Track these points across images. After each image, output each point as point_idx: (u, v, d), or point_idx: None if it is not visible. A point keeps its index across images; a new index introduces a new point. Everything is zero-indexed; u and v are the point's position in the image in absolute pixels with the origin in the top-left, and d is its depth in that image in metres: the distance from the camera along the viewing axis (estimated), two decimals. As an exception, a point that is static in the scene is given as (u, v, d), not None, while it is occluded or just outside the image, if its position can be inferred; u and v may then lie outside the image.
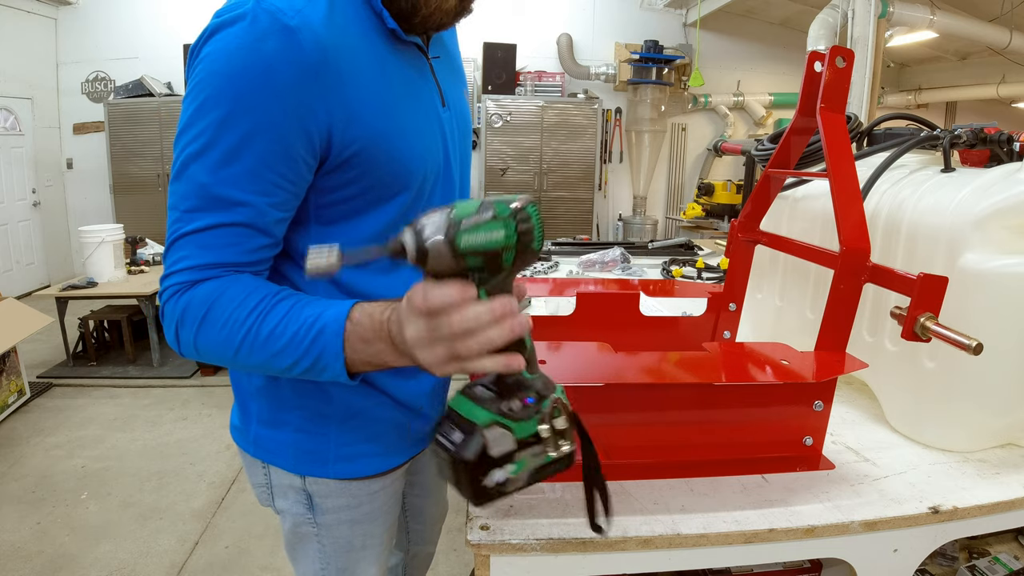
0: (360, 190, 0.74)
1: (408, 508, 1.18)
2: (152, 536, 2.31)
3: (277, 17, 0.63)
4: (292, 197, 0.71)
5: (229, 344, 0.67)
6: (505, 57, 5.89)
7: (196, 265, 0.67)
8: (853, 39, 4.20)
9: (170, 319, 0.69)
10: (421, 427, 0.93)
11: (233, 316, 0.66)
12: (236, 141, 0.65)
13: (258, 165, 0.66)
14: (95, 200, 6.19)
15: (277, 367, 0.68)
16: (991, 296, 0.86)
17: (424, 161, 0.78)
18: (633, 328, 1.18)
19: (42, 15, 5.77)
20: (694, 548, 0.75)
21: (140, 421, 3.25)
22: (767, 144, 1.30)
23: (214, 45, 0.64)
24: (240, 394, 0.90)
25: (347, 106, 0.68)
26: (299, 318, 0.66)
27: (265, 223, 0.69)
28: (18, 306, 3.41)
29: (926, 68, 7.20)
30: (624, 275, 2.16)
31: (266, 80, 0.63)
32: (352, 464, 0.88)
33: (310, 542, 0.93)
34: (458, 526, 1.72)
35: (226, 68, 0.63)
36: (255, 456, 0.90)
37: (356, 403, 0.85)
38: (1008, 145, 1.02)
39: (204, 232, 0.67)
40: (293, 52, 0.63)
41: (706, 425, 0.88)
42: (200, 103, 0.65)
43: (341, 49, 0.67)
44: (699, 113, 6.91)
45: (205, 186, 0.66)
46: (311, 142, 0.68)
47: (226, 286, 0.67)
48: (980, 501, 0.82)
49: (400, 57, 0.76)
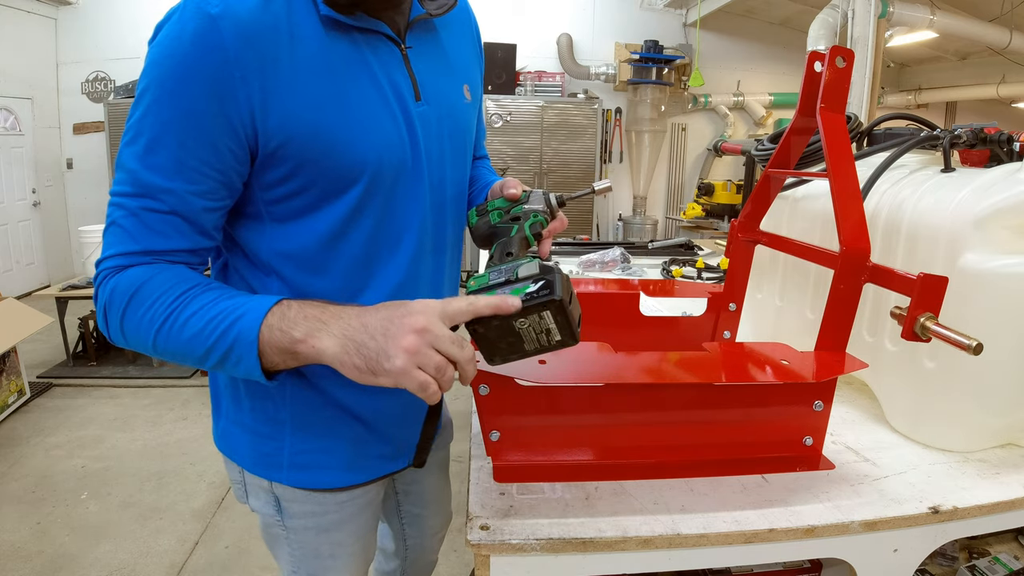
0: (303, 184, 0.73)
1: (405, 516, 1.16)
2: (152, 536, 2.31)
3: (201, 6, 0.64)
4: (219, 186, 0.70)
5: (150, 328, 0.67)
6: (505, 57, 5.88)
7: (126, 251, 0.68)
8: (853, 39, 4.20)
9: (100, 302, 0.70)
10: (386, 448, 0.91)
11: (158, 301, 0.67)
12: (160, 128, 0.66)
13: (180, 152, 0.67)
14: (95, 200, 6.19)
15: (193, 355, 0.67)
16: (991, 296, 0.86)
17: (375, 156, 0.75)
18: (633, 328, 1.17)
19: (42, 15, 5.77)
20: (694, 548, 0.75)
21: (140, 421, 3.25)
22: (767, 144, 1.30)
23: (155, 40, 0.67)
24: (215, 390, 0.91)
25: (271, 93, 0.68)
26: (219, 306, 0.66)
27: (190, 211, 0.69)
28: (18, 306, 3.41)
29: (926, 68, 7.19)
30: (624, 275, 2.16)
31: (185, 66, 0.65)
32: (307, 473, 0.86)
33: (282, 544, 0.93)
34: (458, 526, 1.72)
35: (155, 59, 0.66)
36: (222, 452, 0.90)
37: (308, 410, 0.83)
38: (1008, 145, 1.02)
39: (132, 217, 0.68)
40: (211, 39, 0.64)
41: (706, 425, 0.88)
42: (138, 94, 0.67)
43: (270, 38, 0.67)
44: (699, 113, 6.91)
45: (134, 172, 0.67)
46: (234, 130, 0.68)
47: (155, 272, 0.68)
48: (980, 501, 0.82)
49: (354, 47, 0.74)
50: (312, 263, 0.78)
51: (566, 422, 0.86)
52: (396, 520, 1.17)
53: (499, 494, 0.81)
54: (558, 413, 0.85)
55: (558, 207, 0.86)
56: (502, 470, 0.85)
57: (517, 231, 0.79)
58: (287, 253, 0.77)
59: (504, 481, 0.83)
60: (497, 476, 0.84)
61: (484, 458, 0.87)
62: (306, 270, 0.78)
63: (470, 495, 0.81)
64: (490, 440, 0.85)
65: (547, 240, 0.84)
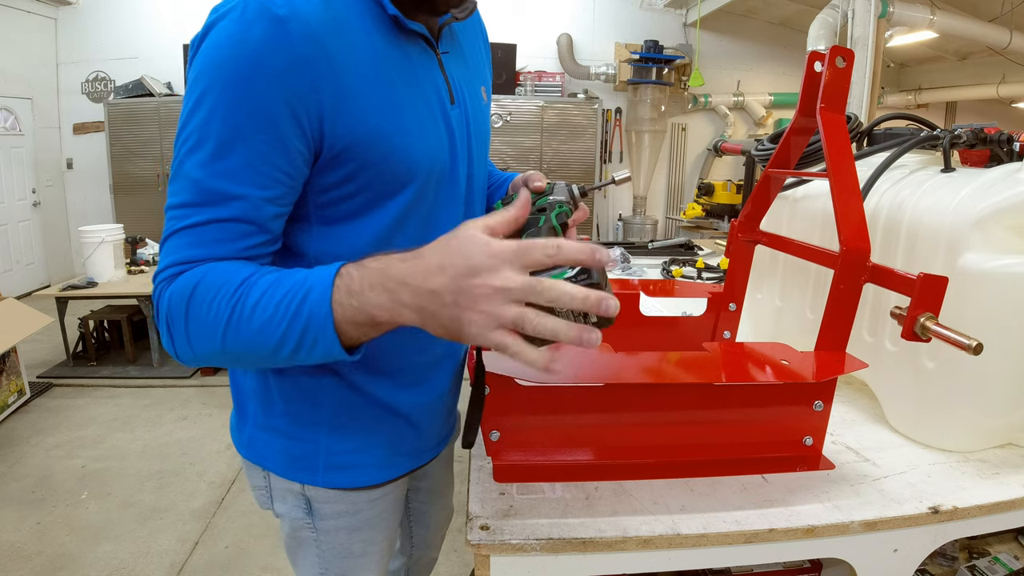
0: (357, 188, 0.73)
1: (412, 513, 1.17)
2: (152, 536, 2.31)
3: (266, 6, 0.62)
4: (289, 191, 0.69)
5: (217, 325, 0.62)
6: (505, 57, 5.88)
7: (185, 260, 0.65)
8: (853, 39, 4.20)
9: (161, 319, 0.66)
10: (418, 443, 0.92)
11: (221, 292, 0.62)
12: (229, 133, 0.63)
13: (252, 157, 0.64)
14: (95, 200, 6.20)
15: (266, 346, 0.61)
16: (991, 296, 0.86)
17: (426, 160, 0.76)
18: (633, 328, 1.17)
19: (42, 15, 5.77)
20: (694, 548, 0.75)
21: (140, 421, 3.25)
22: (767, 144, 1.30)
23: (208, 41, 0.64)
24: (238, 395, 0.89)
25: (339, 98, 0.67)
26: (285, 286, 0.61)
27: (261, 217, 0.67)
28: (18, 306, 3.41)
29: (926, 68, 7.19)
30: (624, 275, 2.16)
31: (255, 70, 0.62)
32: (343, 474, 0.86)
33: (309, 547, 0.92)
34: (458, 526, 1.73)
35: (217, 60, 0.63)
36: (249, 459, 0.89)
37: (347, 411, 0.83)
38: (1008, 145, 1.02)
39: (196, 228, 0.65)
40: (281, 41, 0.62)
41: (706, 425, 0.88)
42: (195, 99, 0.64)
43: (335, 40, 0.66)
44: (699, 113, 6.91)
45: (198, 181, 0.64)
46: (303, 133, 0.66)
47: (210, 267, 0.64)
48: (980, 501, 0.82)
49: (403, 51, 0.74)
50: None
51: (566, 422, 0.86)
52: (404, 517, 1.17)
53: (499, 494, 0.81)
54: (558, 413, 0.85)
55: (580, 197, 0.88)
56: (502, 470, 0.85)
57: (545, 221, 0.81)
58: (334, 255, 0.74)
59: (504, 481, 0.83)
60: (497, 476, 0.84)
61: (484, 458, 0.87)
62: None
63: (470, 495, 0.81)
64: (490, 440, 0.85)
65: (572, 229, 0.84)
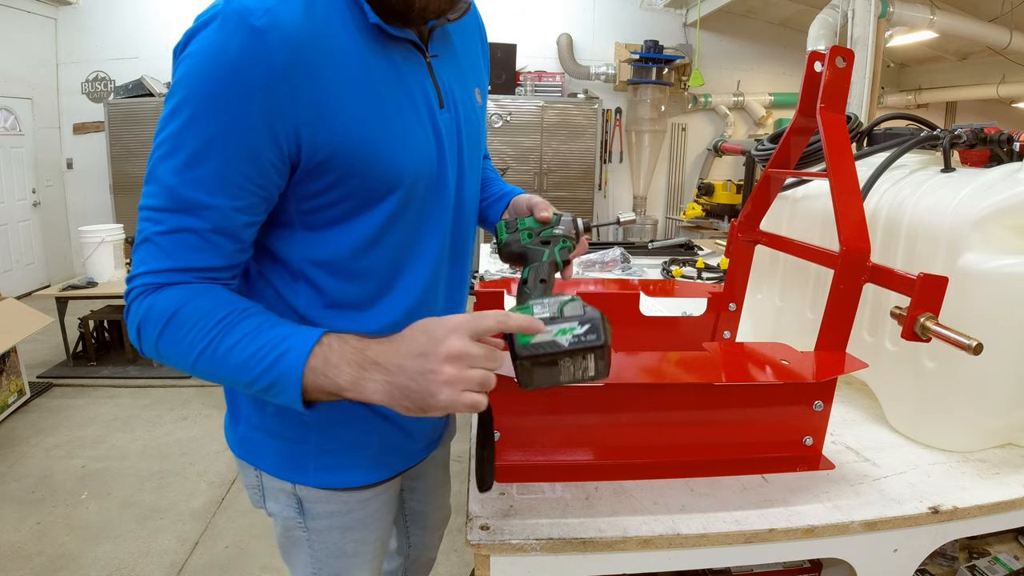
0: (342, 195, 0.73)
1: (408, 513, 1.17)
2: (152, 536, 2.31)
3: (244, 17, 0.63)
4: (260, 201, 0.70)
5: (189, 352, 0.66)
6: (505, 57, 5.88)
7: (162, 268, 0.67)
8: (853, 39, 4.20)
9: (133, 319, 0.69)
10: (408, 445, 0.92)
11: (197, 326, 0.66)
12: (203, 143, 0.64)
13: (225, 167, 0.65)
14: (95, 200, 6.19)
15: (234, 382, 0.67)
16: (991, 296, 0.86)
17: (412, 167, 0.75)
18: (633, 328, 1.17)
19: (42, 15, 5.77)
20: (694, 548, 0.75)
21: (140, 421, 3.25)
22: (767, 144, 1.30)
23: (190, 49, 0.65)
24: (231, 395, 0.90)
25: (320, 108, 0.67)
26: (264, 337, 0.66)
27: (232, 227, 0.68)
28: (18, 306, 3.41)
29: (926, 68, 7.19)
30: (624, 275, 2.16)
31: (232, 82, 0.63)
32: (334, 474, 0.86)
33: (301, 546, 0.92)
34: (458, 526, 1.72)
35: (195, 71, 0.64)
36: (242, 458, 0.89)
37: (337, 412, 0.83)
38: (1008, 145, 1.02)
39: (170, 235, 0.67)
40: (259, 54, 0.63)
41: (706, 425, 0.88)
42: (173, 106, 0.65)
43: (316, 49, 0.66)
44: (699, 113, 6.91)
45: (172, 188, 0.66)
46: (279, 145, 0.67)
47: (194, 295, 0.67)
48: (980, 501, 0.82)
49: (388, 57, 0.74)
50: (342, 270, 0.77)
51: (566, 422, 0.86)
52: (400, 518, 1.17)
53: (499, 494, 0.81)
54: (558, 413, 0.85)
55: (584, 231, 0.91)
56: (502, 470, 0.84)
57: (548, 256, 0.82)
58: (318, 261, 0.77)
59: (504, 481, 0.84)
60: (497, 476, 0.84)
61: (484, 458, 0.87)
62: (336, 276, 0.78)
63: (470, 495, 0.81)
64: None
65: (571, 265, 0.88)
